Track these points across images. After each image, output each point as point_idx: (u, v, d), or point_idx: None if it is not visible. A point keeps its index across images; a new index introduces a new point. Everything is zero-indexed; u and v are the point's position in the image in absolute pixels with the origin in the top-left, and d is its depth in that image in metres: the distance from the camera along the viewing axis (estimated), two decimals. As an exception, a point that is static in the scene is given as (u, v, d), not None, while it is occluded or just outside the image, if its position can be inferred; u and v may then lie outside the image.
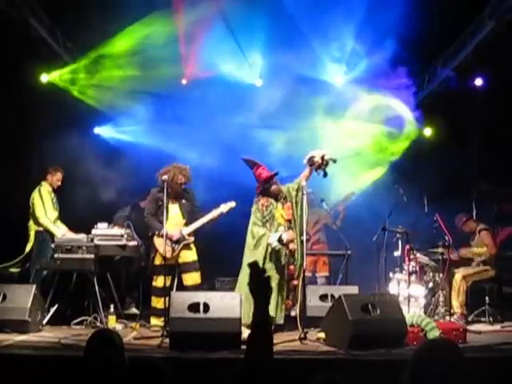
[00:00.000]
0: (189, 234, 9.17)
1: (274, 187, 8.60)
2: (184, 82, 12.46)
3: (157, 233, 9.14)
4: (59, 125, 11.30)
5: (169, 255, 8.93)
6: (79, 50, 11.84)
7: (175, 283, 9.27)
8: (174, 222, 9.19)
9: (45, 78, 11.66)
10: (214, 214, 9.24)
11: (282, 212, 8.57)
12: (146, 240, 9.46)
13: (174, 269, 9.20)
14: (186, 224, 9.26)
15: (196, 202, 9.51)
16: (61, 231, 9.57)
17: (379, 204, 10.83)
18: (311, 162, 8.38)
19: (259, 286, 3.41)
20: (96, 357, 3.85)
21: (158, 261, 9.12)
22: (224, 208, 9.24)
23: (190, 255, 9.24)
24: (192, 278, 9.11)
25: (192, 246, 9.29)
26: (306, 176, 8.52)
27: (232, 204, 9.27)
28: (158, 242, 9.09)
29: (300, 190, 8.54)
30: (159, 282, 9.03)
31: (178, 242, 9.10)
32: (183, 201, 9.34)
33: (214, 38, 11.37)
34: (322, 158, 8.31)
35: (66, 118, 11.57)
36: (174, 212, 9.25)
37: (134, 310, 10.15)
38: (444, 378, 3.06)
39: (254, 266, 3.47)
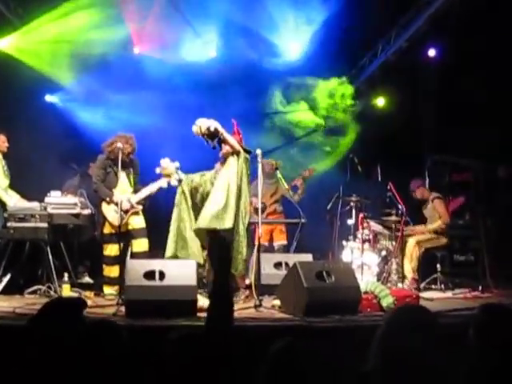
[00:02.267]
0: (137, 203, 9.11)
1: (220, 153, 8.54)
2: (136, 51, 12.42)
3: (107, 199, 9.09)
4: (9, 92, 11.17)
5: (117, 223, 8.79)
6: (30, 16, 11.59)
7: (128, 251, 9.18)
8: (121, 190, 9.10)
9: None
10: (160, 183, 9.05)
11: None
12: (96, 208, 9.40)
13: (125, 236, 9.07)
14: (134, 192, 9.21)
15: (138, 171, 9.47)
16: (13, 200, 9.41)
17: (334, 173, 10.92)
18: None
19: (222, 254, 3.44)
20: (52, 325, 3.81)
21: (107, 229, 9.09)
22: (163, 182, 8.99)
23: (138, 222, 9.17)
24: (140, 244, 9.03)
25: (140, 213, 9.23)
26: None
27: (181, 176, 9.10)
28: (106, 210, 9.07)
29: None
30: (109, 250, 9.03)
31: (126, 211, 9.05)
32: (130, 169, 9.28)
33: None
34: (208, 129, 8.24)
35: (16, 86, 11.42)
36: (122, 180, 9.15)
37: (87, 279, 10.05)
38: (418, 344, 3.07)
39: (215, 233, 3.48)
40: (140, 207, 9.17)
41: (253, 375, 3.58)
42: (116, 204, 8.86)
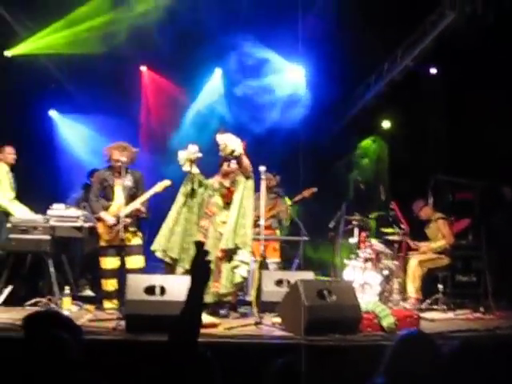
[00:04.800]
0: (127, 216, 8.78)
1: (225, 166, 8.63)
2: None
3: (95, 216, 9.10)
4: (15, 105, 11.24)
5: (107, 237, 8.91)
6: (33, 23, 11.66)
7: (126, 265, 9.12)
8: (117, 203, 9.03)
9: (8, 52, 11.50)
10: (148, 194, 9.05)
11: (225, 192, 8.62)
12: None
13: (122, 250, 8.94)
14: (127, 204, 9.02)
15: (142, 188, 9.27)
16: (21, 211, 9.43)
17: (337, 192, 10.93)
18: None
19: (202, 267, 3.41)
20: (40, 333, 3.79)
21: (101, 242, 9.07)
22: (158, 187, 9.06)
23: (133, 239, 9.07)
24: (134, 261, 8.93)
25: (136, 230, 9.14)
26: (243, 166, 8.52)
27: (167, 183, 9.09)
28: (98, 225, 9.06)
29: (241, 182, 8.57)
30: (104, 263, 8.99)
31: (114, 225, 8.96)
32: (126, 182, 9.09)
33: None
34: (232, 152, 8.34)
35: (23, 99, 11.49)
36: (117, 193, 9.08)
37: (88, 292, 10.07)
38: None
39: (200, 245, 3.46)
40: (128, 220, 8.82)
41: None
42: (100, 220, 8.97)
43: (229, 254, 8.39)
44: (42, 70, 12.33)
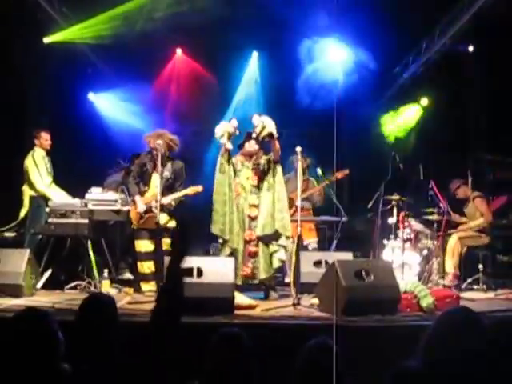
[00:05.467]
0: (162, 205, 8.76)
1: (246, 145, 8.62)
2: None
3: (131, 198, 9.20)
4: (53, 89, 11.31)
5: (135, 222, 9.03)
6: (75, 14, 11.70)
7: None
8: (152, 191, 9.07)
9: (47, 39, 11.54)
10: (180, 194, 9.11)
11: (249, 174, 8.59)
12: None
13: (157, 232, 8.81)
14: (163, 194, 9.00)
15: (180, 180, 9.30)
16: (59, 196, 9.53)
17: (375, 171, 10.83)
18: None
19: (182, 240, 3.41)
20: (88, 320, 3.83)
21: (134, 225, 9.15)
22: (190, 190, 9.09)
23: (168, 221, 9.12)
24: (167, 243, 8.94)
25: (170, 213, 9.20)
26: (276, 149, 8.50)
27: (199, 188, 9.12)
28: (131, 207, 9.17)
29: (270, 166, 8.56)
30: (139, 246, 9.05)
31: (145, 212, 9.02)
32: (165, 172, 9.09)
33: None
34: (269, 134, 8.31)
35: (60, 83, 11.54)
36: (153, 180, 9.07)
37: (127, 275, 10.12)
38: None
39: (184, 219, 3.47)
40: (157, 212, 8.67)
41: (288, 372, 3.57)
42: (134, 203, 9.07)
43: (266, 240, 8.39)
44: (78, 54, 12.38)
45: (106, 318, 3.83)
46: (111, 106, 13.50)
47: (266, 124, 8.23)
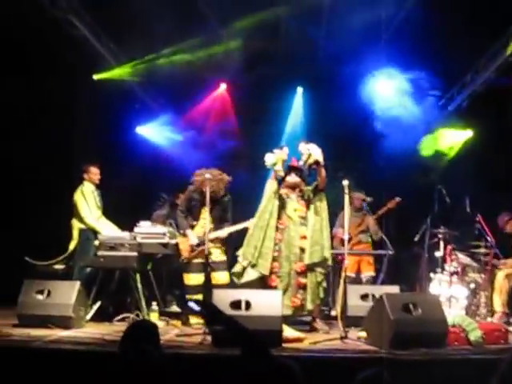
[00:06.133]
0: (212, 240, 8.98)
1: (288, 178, 8.68)
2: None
3: (181, 232, 9.32)
4: (101, 124, 11.53)
5: (186, 255, 9.17)
6: (124, 52, 11.95)
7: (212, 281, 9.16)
8: (201, 224, 9.20)
9: (96, 76, 11.79)
10: (237, 227, 9.23)
11: (296, 206, 8.63)
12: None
13: (206, 266, 8.87)
14: (214, 229, 9.22)
15: (229, 211, 9.47)
16: (108, 230, 9.67)
17: (422, 205, 10.80)
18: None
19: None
20: (132, 347, 3.89)
21: (184, 258, 9.29)
22: (247, 224, 9.09)
23: (218, 255, 9.24)
24: (219, 277, 9.10)
25: (221, 245, 9.33)
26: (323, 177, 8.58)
27: (250, 223, 9.04)
28: (181, 240, 9.26)
29: (316, 193, 8.66)
30: (188, 279, 9.19)
31: (197, 245, 9.16)
32: (214, 211, 9.17)
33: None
34: (316, 162, 8.44)
35: (108, 118, 11.76)
36: (204, 216, 9.05)
37: (175, 308, 10.18)
38: None
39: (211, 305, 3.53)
40: (211, 245, 8.91)
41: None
42: (185, 236, 9.24)
43: (313, 268, 8.42)
44: (127, 91, 12.60)
45: (151, 341, 3.89)
46: (158, 135, 13.71)
47: (312, 152, 8.32)
